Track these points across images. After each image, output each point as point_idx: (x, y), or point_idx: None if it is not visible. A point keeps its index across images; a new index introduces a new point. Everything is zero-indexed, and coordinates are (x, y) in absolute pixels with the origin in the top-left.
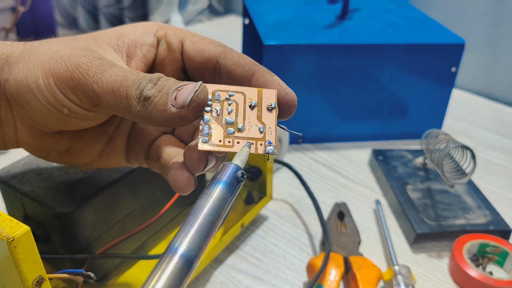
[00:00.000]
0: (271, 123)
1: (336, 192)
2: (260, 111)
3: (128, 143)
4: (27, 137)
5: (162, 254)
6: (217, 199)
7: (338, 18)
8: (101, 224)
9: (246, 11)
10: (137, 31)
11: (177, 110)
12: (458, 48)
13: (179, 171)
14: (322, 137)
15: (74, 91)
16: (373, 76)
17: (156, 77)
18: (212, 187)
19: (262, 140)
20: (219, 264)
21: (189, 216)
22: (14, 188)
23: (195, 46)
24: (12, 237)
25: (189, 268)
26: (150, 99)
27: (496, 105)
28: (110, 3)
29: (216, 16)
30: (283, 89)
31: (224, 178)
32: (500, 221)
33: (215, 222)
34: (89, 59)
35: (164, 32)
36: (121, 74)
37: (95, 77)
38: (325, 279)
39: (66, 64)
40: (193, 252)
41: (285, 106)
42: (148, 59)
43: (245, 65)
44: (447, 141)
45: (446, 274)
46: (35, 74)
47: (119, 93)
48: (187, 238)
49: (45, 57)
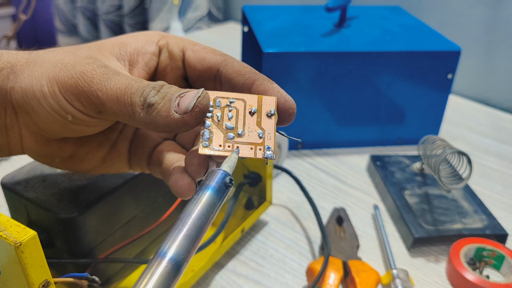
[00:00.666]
0: (270, 129)
1: (334, 197)
2: (260, 117)
3: (131, 149)
4: (31, 144)
5: (151, 258)
6: (206, 205)
7: (336, 26)
8: (104, 229)
9: (245, 19)
10: (139, 40)
11: (180, 116)
12: (454, 55)
13: (180, 176)
14: (321, 143)
15: (78, 98)
16: (370, 83)
17: (159, 84)
18: (201, 192)
19: (261, 145)
20: (219, 269)
21: (178, 221)
22: (18, 194)
23: (196, 55)
24: (19, 242)
25: (177, 272)
26: (153, 106)
27: (492, 111)
28: (110, 10)
29: (216, 23)
30: (282, 97)
31: (212, 184)
32: (497, 226)
33: (203, 227)
34: (93, 67)
35: (166, 41)
36: (125, 82)
37: (99, 84)
38: (324, 283)
39: (70, 72)
40: (182, 256)
41: (284, 113)
42: (150, 67)
43: (245, 73)
44: (443, 147)
45: (444, 278)
46: (40, 82)
47: (123, 100)
48: (175, 242)
49: (50, 66)
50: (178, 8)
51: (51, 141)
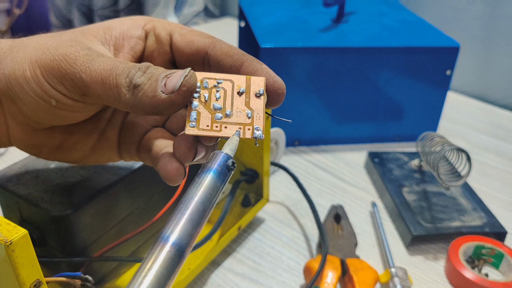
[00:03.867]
0: (259, 109)
1: (332, 194)
2: (249, 97)
3: (120, 138)
4: (18, 134)
5: (154, 243)
6: (208, 188)
7: (334, 21)
8: (98, 227)
9: (242, 14)
10: (124, 24)
11: (167, 96)
12: (453, 51)
13: (169, 161)
14: (318, 140)
15: (61, 81)
16: (369, 79)
17: (145, 65)
18: (203, 175)
19: (250, 125)
20: (216, 267)
21: (180, 204)
22: (10, 191)
23: (183, 38)
24: (10, 241)
25: (181, 257)
26: (140, 87)
27: (491, 107)
28: (106, 5)
29: (212, 19)
30: (271, 77)
31: (214, 166)
32: (496, 223)
33: (206, 211)
34: (76, 49)
35: (153, 25)
36: (110, 63)
37: (83, 66)
38: (322, 281)
39: (52, 54)
40: (185, 241)
41: (273, 94)
42: (136, 52)
43: (234, 55)
44: (442, 143)
45: (442, 276)
46: (22, 67)
47: (108, 82)
48: (178, 226)
49: (32, 50)
50: (174, 3)
51: (38, 130)
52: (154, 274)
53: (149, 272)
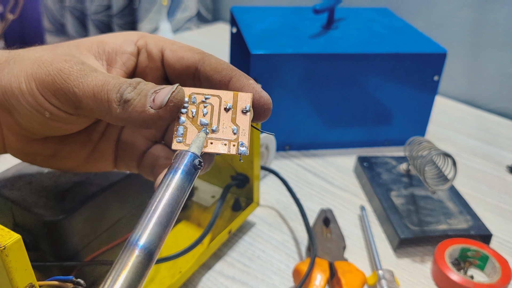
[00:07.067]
0: (245, 125)
1: (322, 198)
2: (235, 113)
3: (117, 151)
4: (13, 143)
5: (123, 248)
6: (175, 189)
7: (324, 28)
8: (90, 231)
9: (234, 20)
10: (117, 39)
11: (155, 111)
12: (440, 57)
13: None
14: (308, 144)
15: (55, 95)
16: (358, 85)
17: (136, 81)
18: (169, 176)
19: (235, 141)
20: (206, 270)
21: (148, 207)
22: (4, 196)
23: (174, 54)
24: (3, 246)
25: (150, 260)
26: (129, 102)
27: (478, 112)
28: (99, 10)
29: (205, 24)
30: (257, 93)
31: (181, 166)
32: (481, 226)
33: (174, 212)
34: (71, 64)
35: (145, 41)
36: (102, 79)
37: (76, 81)
38: (311, 284)
39: (47, 69)
40: (154, 244)
41: (259, 109)
42: (128, 67)
43: (222, 70)
44: (429, 148)
45: (429, 278)
46: (18, 80)
47: (100, 97)
48: (147, 230)
49: (28, 63)
50: (167, 8)
51: (33, 140)
52: (124, 279)
53: (120, 277)
